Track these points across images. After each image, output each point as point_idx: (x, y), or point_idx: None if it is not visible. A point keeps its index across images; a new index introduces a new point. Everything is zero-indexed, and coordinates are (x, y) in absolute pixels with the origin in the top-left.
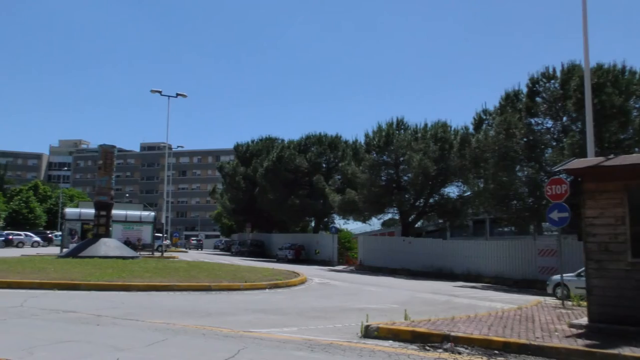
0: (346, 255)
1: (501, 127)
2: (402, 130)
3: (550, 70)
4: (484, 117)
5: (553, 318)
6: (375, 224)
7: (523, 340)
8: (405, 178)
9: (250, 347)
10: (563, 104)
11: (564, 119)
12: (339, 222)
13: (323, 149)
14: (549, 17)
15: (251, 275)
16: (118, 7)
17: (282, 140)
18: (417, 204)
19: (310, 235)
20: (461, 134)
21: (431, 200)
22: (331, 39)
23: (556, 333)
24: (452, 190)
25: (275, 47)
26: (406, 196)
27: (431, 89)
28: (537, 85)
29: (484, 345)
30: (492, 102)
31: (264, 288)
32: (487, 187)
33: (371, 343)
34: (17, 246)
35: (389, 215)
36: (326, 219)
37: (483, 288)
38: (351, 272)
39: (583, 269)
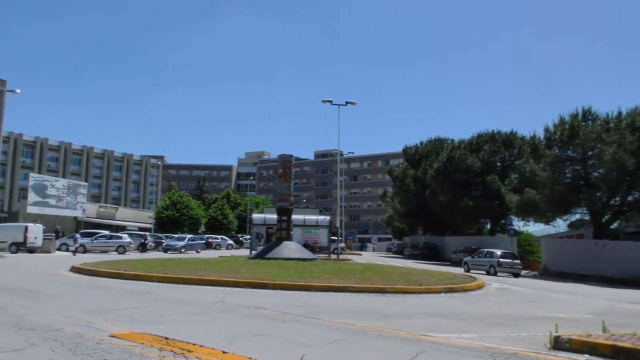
0: (527, 260)
1: None
2: (590, 121)
3: None
4: None
5: None
6: (560, 225)
7: None
8: (595, 174)
9: (429, 352)
10: None
11: None
12: (518, 224)
13: (497, 147)
14: None
15: (425, 278)
16: (291, 24)
17: (452, 141)
18: (612, 202)
19: (486, 238)
20: None
21: (630, 198)
22: (500, 34)
23: None
24: None
25: (440, 48)
26: (597, 194)
27: (623, 72)
28: None
29: None
30: None
31: (439, 292)
32: None
33: (563, 356)
34: (215, 248)
35: (577, 216)
36: (503, 221)
37: None
38: (533, 277)
39: None
